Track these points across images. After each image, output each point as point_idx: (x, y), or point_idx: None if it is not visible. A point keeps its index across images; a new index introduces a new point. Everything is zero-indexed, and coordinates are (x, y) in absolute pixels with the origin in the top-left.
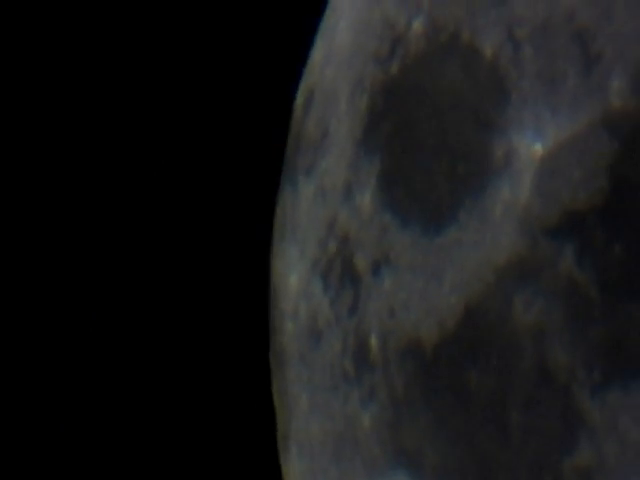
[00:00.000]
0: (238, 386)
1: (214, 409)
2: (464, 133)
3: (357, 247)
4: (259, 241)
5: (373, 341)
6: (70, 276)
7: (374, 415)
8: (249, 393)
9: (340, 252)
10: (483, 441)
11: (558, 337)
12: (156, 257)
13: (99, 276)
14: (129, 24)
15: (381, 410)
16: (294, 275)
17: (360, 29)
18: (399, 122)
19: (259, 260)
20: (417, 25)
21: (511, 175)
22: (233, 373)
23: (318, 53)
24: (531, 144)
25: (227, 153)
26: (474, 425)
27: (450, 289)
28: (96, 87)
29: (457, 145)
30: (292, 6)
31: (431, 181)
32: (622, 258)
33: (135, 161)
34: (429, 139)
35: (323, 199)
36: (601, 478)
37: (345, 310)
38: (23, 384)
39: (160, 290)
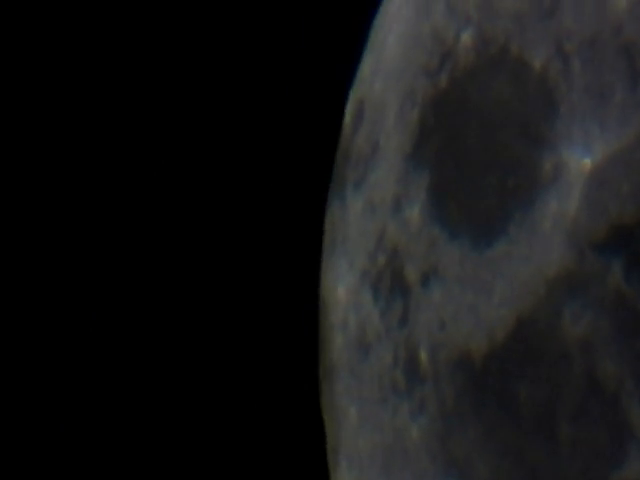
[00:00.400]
0: (287, 399)
1: (263, 423)
2: (513, 146)
3: (406, 259)
4: (309, 254)
5: (423, 353)
6: (70, 276)
7: (424, 427)
8: (298, 406)
9: (389, 264)
10: (532, 453)
11: (607, 349)
12: (178, 262)
13: (99, 276)
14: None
15: (431, 422)
16: (343, 287)
17: (409, 42)
18: (448, 135)
19: (309, 273)
20: (466, 38)
21: (560, 189)
22: (282, 386)
23: (367, 67)
24: (580, 158)
25: (277, 167)
26: (523, 437)
27: (500, 301)
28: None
29: (506, 158)
30: (341, 21)
31: (480, 194)
32: None
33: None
34: (478, 152)
35: (372, 212)
36: None
37: (395, 322)
38: (23, 384)
39: (174, 295)
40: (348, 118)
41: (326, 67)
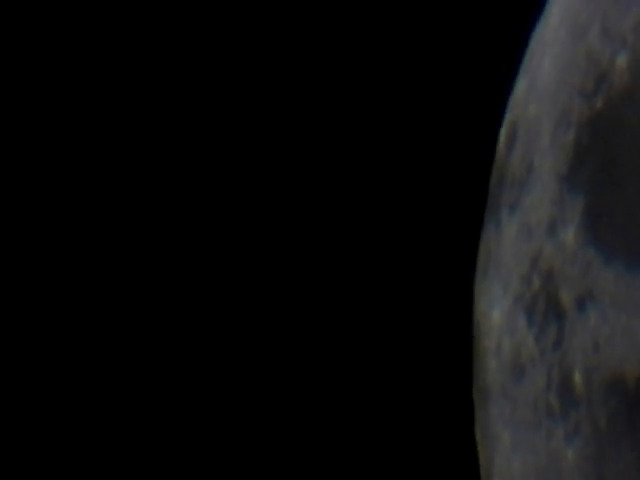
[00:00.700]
0: (441, 421)
1: (417, 444)
2: None
3: (561, 282)
4: (462, 278)
5: (577, 376)
6: (70, 276)
7: (578, 450)
8: (452, 429)
9: (544, 287)
10: None
11: None
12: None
13: (99, 276)
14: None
15: (585, 445)
16: (497, 311)
17: (564, 64)
18: (603, 157)
19: (462, 297)
20: (621, 60)
21: None
22: (435, 408)
23: (521, 89)
24: None
25: (432, 190)
26: None
27: None
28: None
29: None
30: (495, 44)
31: (636, 217)
32: None
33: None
34: (634, 174)
35: (527, 235)
36: None
37: (549, 345)
38: (23, 384)
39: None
40: (502, 140)
41: (481, 90)
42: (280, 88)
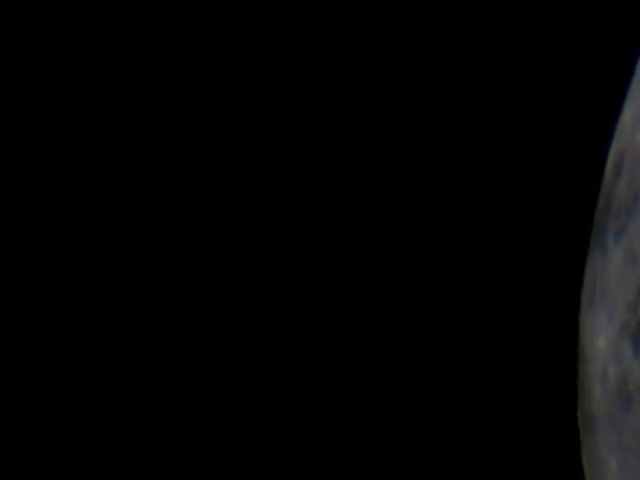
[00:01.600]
0: (547, 449)
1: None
2: None
3: None
4: (568, 305)
5: None
6: (70, 276)
7: None
8: (559, 456)
9: None
10: None
11: None
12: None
13: (99, 276)
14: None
15: None
16: (602, 338)
17: None
18: None
19: (568, 323)
20: None
21: None
22: (542, 435)
23: (627, 116)
24: None
25: (538, 219)
26: None
27: None
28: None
29: None
30: (599, 70)
31: None
32: None
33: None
34: None
35: (633, 262)
36: None
37: None
38: (23, 384)
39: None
40: (609, 168)
41: (587, 118)
42: (286, 88)
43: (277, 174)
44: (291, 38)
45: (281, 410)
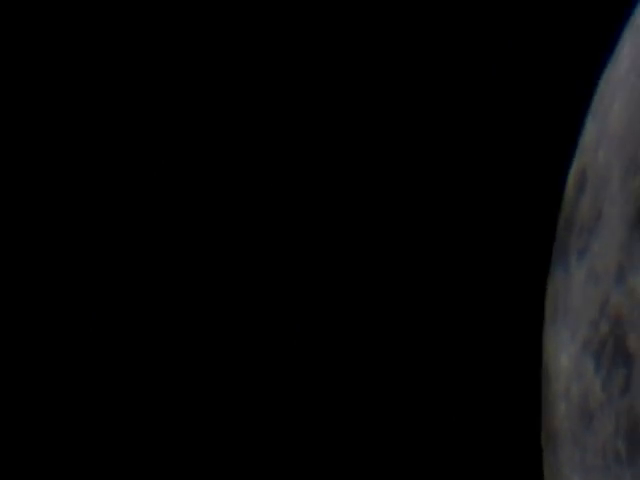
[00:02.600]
0: (508, 465)
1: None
2: None
3: (629, 328)
4: (530, 322)
5: None
6: (70, 276)
7: None
8: (521, 474)
9: (612, 333)
10: None
11: None
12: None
13: (99, 276)
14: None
15: None
16: (565, 355)
17: (635, 109)
18: None
19: (531, 341)
20: None
21: None
22: (504, 452)
23: (590, 134)
24: None
25: (499, 235)
26: None
27: None
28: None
29: None
30: (563, 88)
31: None
32: None
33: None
34: None
35: (595, 281)
36: None
37: (617, 391)
38: (23, 384)
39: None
40: (571, 186)
41: (548, 135)
42: (286, 88)
43: (277, 174)
44: (291, 38)
45: (281, 409)
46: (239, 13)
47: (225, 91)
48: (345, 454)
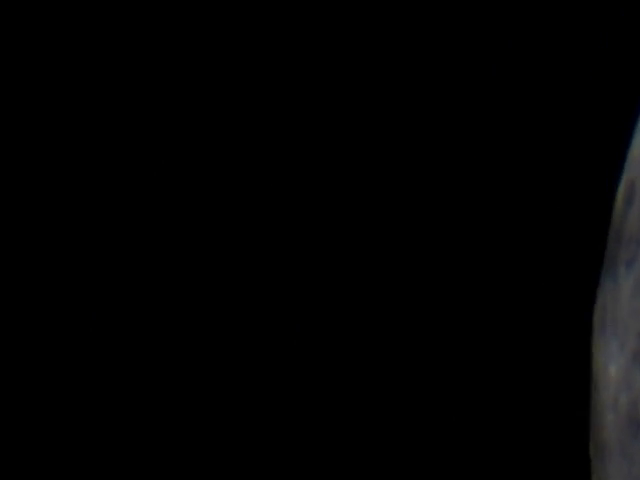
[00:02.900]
0: (556, 477)
1: None
2: None
3: None
4: (580, 334)
5: None
6: (70, 276)
7: None
8: None
9: None
10: None
11: None
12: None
13: (99, 276)
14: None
15: None
16: (614, 366)
17: None
18: None
19: (580, 351)
20: None
21: None
22: (552, 463)
23: (638, 146)
24: None
25: (550, 245)
26: None
27: None
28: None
29: None
30: (610, 99)
31: None
32: None
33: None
34: None
35: None
36: None
37: None
38: (23, 384)
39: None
40: (620, 198)
41: (597, 147)
42: (286, 88)
43: (276, 174)
44: (291, 38)
45: (281, 410)
46: (239, 13)
47: (225, 91)
48: (346, 454)
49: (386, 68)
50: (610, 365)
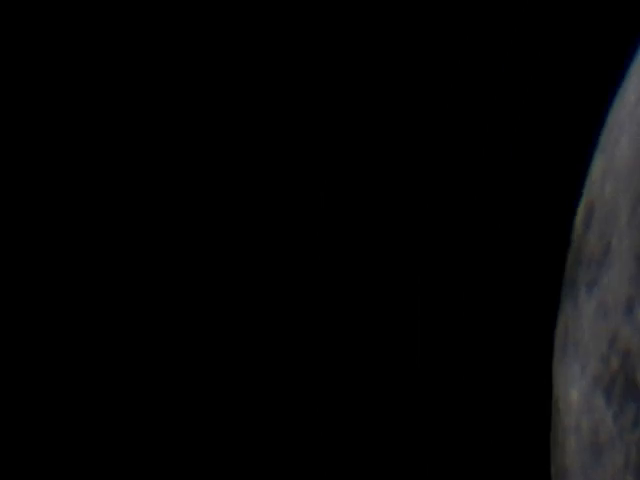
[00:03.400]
0: None
1: None
2: None
3: (639, 363)
4: (540, 357)
5: None
6: (70, 276)
7: None
8: None
9: (622, 368)
10: None
11: None
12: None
13: (99, 276)
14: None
15: None
16: (576, 390)
17: None
18: None
19: (540, 375)
20: None
21: None
22: None
23: (597, 168)
24: None
25: (508, 267)
26: None
27: None
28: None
29: None
30: (568, 122)
31: None
32: None
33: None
34: None
35: (604, 315)
36: None
37: (628, 425)
38: (23, 384)
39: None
40: (579, 219)
41: (557, 169)
42: (286, 88)
43: (277, 174)
44: (291, 38)
45: (281, 409)
46: (239, 13)
47: (225, 91)
48: (347, 455)
49: (387, 68)
50: (571, 389)
